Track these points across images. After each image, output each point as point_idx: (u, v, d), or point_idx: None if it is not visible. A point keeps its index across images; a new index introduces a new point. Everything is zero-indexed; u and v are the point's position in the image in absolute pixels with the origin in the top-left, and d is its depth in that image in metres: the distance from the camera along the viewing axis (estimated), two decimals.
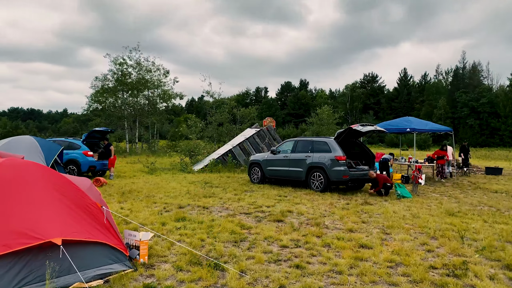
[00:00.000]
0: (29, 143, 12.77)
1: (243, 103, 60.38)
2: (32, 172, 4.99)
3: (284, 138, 30.05)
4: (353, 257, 5.67)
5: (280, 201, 10.37)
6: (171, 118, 46.84)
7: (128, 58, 35.31)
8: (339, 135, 12.42)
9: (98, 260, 4.72)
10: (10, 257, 4.10)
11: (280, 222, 7.95)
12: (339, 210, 9.22)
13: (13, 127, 37.43)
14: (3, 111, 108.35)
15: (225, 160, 19.03)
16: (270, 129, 21.62)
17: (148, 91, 37.17)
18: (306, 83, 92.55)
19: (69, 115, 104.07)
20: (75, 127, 70.44)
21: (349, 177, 11.62)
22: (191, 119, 27.68)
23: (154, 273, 4.98)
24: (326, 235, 6.95)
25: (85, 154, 15.63)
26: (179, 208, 9.20)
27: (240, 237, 6.70)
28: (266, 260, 5.56)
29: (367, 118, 67.00)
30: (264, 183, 13.79)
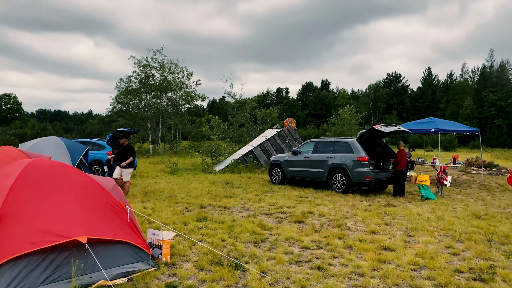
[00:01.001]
0: (56, 143, 13.15)
1: (264, 104, 60.43)
2: (59, 172, 5.14)
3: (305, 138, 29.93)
4: (376, 260, 5.59)
5: (301, 202, 10.32)
6: (193, 119, 47.27)
7: (152, 60, 35.87)
8: (362, 135, 12.26)
9: (121, 258, 4.82)
10: (37, 254, 4.23)
11: (301, 223, 7.91)
12: (362, 211, 9.11)
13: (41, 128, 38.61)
14: (32, 113, 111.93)
15: (246, 161, 19.08)
16: (291, 129, 21.55)
17: (171, 93, 37.65)
18: (327, 83, 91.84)
19: (94, 116, 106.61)
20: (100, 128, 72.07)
21: (371, 178, 11.46)
22: (214, 120, 27.89)
23: (176, 272, 5.04)
24: (348, 237, 6.88)
25: (109, 154, 15.95)
26: (201, 208, 9.28)
27: (261, 238, 6.70)
28: (287, 261, 5.55)
29: (390, 119, 65.87)
30: (285, 184, 13.75)
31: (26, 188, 4.66)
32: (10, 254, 4.06)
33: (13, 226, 4.25)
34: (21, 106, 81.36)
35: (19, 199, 4.50)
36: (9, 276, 4.00)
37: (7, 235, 4.16)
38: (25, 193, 4.60)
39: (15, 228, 4.25)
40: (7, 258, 4.03)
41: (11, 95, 79.44)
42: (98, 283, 4.44)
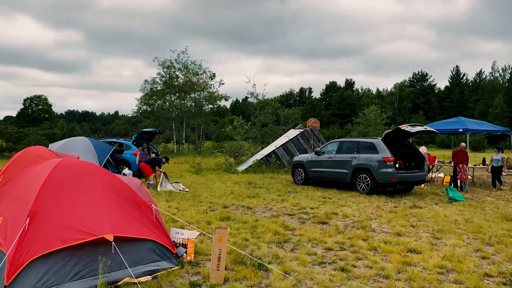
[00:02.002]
0: (83, 143, 13.55)
1: (286, 104, 60.17)
2: (86, 172, 5.28)
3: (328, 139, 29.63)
4: (401, 262, 5.49)
5: (325, 203, 10.24)
6: (216, 119, 47.64)
7: (175, 61, 36.37)
8: (387, 135, 12.06)
9: (147, 256, 4.91)
10: (66, 251, 4.36)
11: (325, 224, 7.86)
12: (387, 213, 8.96)
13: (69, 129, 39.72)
14: (61, 114, 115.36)
15: (268, 161, 19.07)
16: (314, 129, 21.40)
17: (195, 94, 38.06)
18: (352, 82, 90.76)
19: (120, 117, 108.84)
20: (126, 128, 73.51)
21: (397, 179, 11.26)
22: (237, 121, 28.03)
23: (200, 271, 5.09)
24: (373, 239, 6.78)
25: (135, 154, 16.25)
26: (224, 208, 9.34)
27: (283, 238, 6.69)
28: (310, 262, 5.52)
29: (417, 118, 64.45)
30: (308, 184, 13.67)
31: (55, 187, 4.80)
32: (41, 251, 4.20)
33: (44, 224, 4.39)
34: (51, 107, 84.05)
35: (49, 198, 4.64)
36: (39, 271, 4.13)
37: (38, 232, 4.31)
38: (54, 192, 4.74)
39: (45, 225, 4.39)
40: (38, 254, 4.17)
41: (42, 97, 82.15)
42: (123, 280, 4.54)
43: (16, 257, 4.06)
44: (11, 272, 3.97)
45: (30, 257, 4.12)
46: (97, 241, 4.53)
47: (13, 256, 4.05)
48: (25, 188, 4.98)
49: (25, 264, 4.07)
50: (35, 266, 4.13)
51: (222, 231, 4.89)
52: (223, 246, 4.75)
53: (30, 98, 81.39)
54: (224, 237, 4.79)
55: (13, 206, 4.78)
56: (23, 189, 5.00)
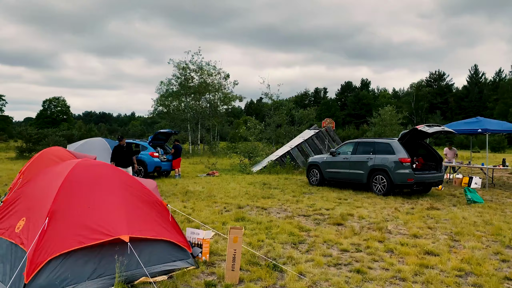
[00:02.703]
0: (101, 144, 13.77)
1: (301, 104, 60.02)
2: (104, 172, 5.36)
3: (344, 139, 29.42)
4: (418, 264, 5.41)
5: (340, 204, 10.16)
6: (231, 120, 47.81)
7: (190, 62, 36.62)
8: (403, 136, 11.91)
9: (163, 256, 4.95)
10: (84, 250, 4.43)
11: (340, 226, 7.80)
12: (403, 214, 8.85)
13: (87, 130, 40.36)
14: (79, 115, 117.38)
15: (283, 162, 19.03)
16: (329, 130, 21.28)
17: (210, 95, 38.26)
18: (367, 82, 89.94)
19: (136, 118, 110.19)
20: (142, 129, 74.42)
21: (414, 180, 11.10)
22: (251, 121, 28.05)
23: (215, 271, 5.11)
24: (389, 240, 6.70)
25: (151, 155, 16.43)
26: (239, 208, 9.36)
27: (298, 239, 6.67)
28: (326, 263, 5.48)
29: (434, 119, 63.47)
30: (323, 185, 13.59)
31: (73, 187, 4.89)
32: (60, 250, 4.27)
33: (62, 223, 4.47)
34: (69, 108, 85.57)
35: (67, 198, 4.73)
36: (59, 269, 4.21)
37: (56, 231, 4.39)
38: (73, 192, 4.83)
39: (63, 225, 4.47)
40: (56, 253, 4.25)
41: (60, 99, 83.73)
42: (140, 279, 4.59)
43: (36, 256, 4.14)
44: (30, 270, 4.05)
45: (49, 256, 4.20)
46: (113, 241, 4.59)
47: (33, 255, 4.13)
48: (44, 188, 5.08)
49: (44, 262, 4.15)
50: (54, 265, 4.20)
51: (237, 231, 4.90)
52: (238, 246, 4.76)
53: (49, 99, 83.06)
54: (239, 237, 4.80)
55: (33, 206, 4.88)
56: (43, 189, 5.10)
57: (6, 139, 59.73)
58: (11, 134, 65.02)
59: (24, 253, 4.28)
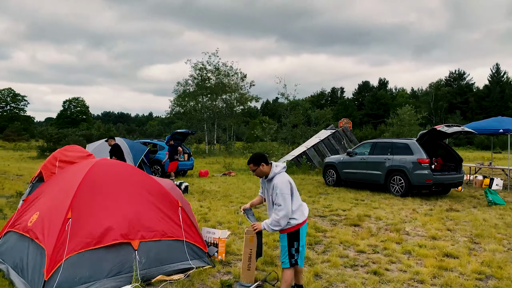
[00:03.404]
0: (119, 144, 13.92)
1: (318, 104, 59.63)
2: (122, 171, 5.44)
3: (361, 139, 29.12)
4: (437, 266, 5.32)
5: (357, 204, 10.07)
6: (247, 120, 47.89)
7: (207, 63, 36.85)
8: (422, 136, 11.72)
9: (179, 255, 5.00)
10: (102, 248, 4.50)
11: (357, 227, 7.73)
12: (421, 216, 8.71)
13: (105, 130, 40.98)
14: (97, 115, 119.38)
15: (299, 162, 18.96)
16: (346, 130, 21.09)
17: (226, 95, 38.42)
18: (385, 82, 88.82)
19: (154, 118, 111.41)
20: (160, 129, 75.18)
21: (433, 181, 10.92)
22: (265, 121, 28.05)
23: (231, 270, 5.13)
24: (407, 242, 6.61)
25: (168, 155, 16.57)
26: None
27: (314, 240, 6.64)
28: (342, 265, 5.44)
29: (454, 119, 62.24)
30: (340, 186, 13.49)
31: (92, 186, 4.97)
32: (78, 248, 4.35)
33: (81, 222, 4.55)
34: (88, 109, 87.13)
35: (86, 196, 4.81)
36: (77, 267, 4.28)
37: (75, 229, 4.47)
38: (91, 191, 4.91)
39: (82, 223, 4.54)
40: (75, 252, 4.33)
41: (79, 99, 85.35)
42: (157, 278, 4.64)
43: (55, 253, 4.22)
44: (50, 267, 4.13)
45: (67, 254, 4.28)
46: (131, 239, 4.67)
47: (52, 252, 4.22)
48: (63, 186, 5.19)
49: (63, 260, 4.23)
50: (72, 262, 4.28)
51: (252, 231, 4.91)
52: (253, 246, 4.76)
53: (69, 100, 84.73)
54: (254, 237, 4.80)
55: (51, 203, 4.99)
56: (61, 187, 5.21)
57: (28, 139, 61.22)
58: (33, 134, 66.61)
59: (40, 249, 4.37)
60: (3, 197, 10.39)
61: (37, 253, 4.44)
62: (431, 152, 11.84)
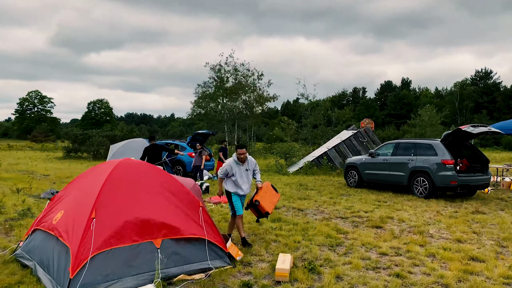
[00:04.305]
0: (142, 144, 14.21)
1: (339, 105, 59.10)
2: (145, 172, 5.53)
3: (383, 140, 28.71)
4: (462, 270, 5.18)
5: (379, 206, 9.93)
6: (266, 121, 47.90)
7: (225, 64, 37.05)
8: (447, 137, 11.46)
9: (200, 255, 5.04)
10: (125, 248, 4.58)
11: (379, 229, 7.61)
12: (446, 218, 8.51)
13: (128, 131, 41.69)
14: (121, 116, 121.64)
15: (320, 163, 18.83)
16: (368, 130, 20.82)
17: (245, 95, 38.52)
18: (408, 82, 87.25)
19: (175, 119, 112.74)
20: (181, 130, 76.05)
21: (457, 182, 10.66)
22: (285, 121, 27.95)
23: (252, 271, 5.13)
24: (431, 245, 6.47)
25: (190, 155, 16.76)
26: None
27: (336, 242, 6.57)
28: (364, 267, 5.37)
29: (480, 119, 60.56)
30: (362, 187, 13.32)
31: (115, 186, 5.07)
32: (102, 247, 4.44)
33: (104, 221, 4.64)
34: (112, 110, 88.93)
35: (110, 196, 4.91)
36: (100, 266, 4.37)
37: (99, 229, 4.56)
38: (115, 190, 5.01)
39: (105, 222, 4.64)
40: (99, 251, 4.42)
41: (103, 101, 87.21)
42: (178, 277, 4.69)
43: (80, 252, 4.32)
44: (75, 266, 4.23)
45: (93, 253, 4.37)
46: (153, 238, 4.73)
47: (77, 251, 4.31)
48: (88, 186, 5.30)
49: (87, 259, 4.32)
50: (96, 261, 4.37)
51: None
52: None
53: (93, 102, 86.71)
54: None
55: (75, 203, 5.12)
56: (86, 187, 5.33)
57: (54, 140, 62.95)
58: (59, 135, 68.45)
59: (65, 247, 4.48)
60: (31, 197, 10.72)
61: (61, 251, 4.56)
62: (456, 153, 11.56)
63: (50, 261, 4.64)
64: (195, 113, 41.16)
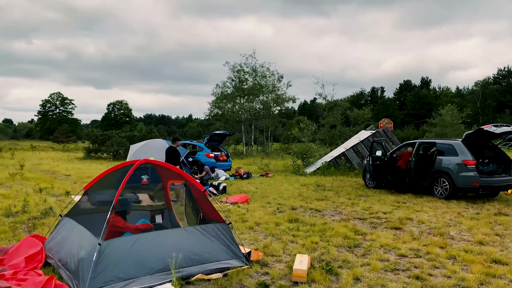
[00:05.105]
0: (161, 145, 14.39)
1: (357, 105, 58.49)
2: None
3: (402, 140, 28.26)
4: (484, 273, 5.06)
5: (398, 207, 9.79)
6: (284, 121, 47.80)
7: (245, 65, 37.15)
8: (468, 137, 11.22)
9: (218, 254, 5.07)
10: (144, 245, 4.64)
11: (398, 230, 7.51)
12: (467, 220, 8.33)
13: (147, 131, 42.24)
14: (140, 117, 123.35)
15: (338, 163, 18.68)
16: (387, 130, 20.54)
17: (263, 96, 38.54)
18: (428, 81, 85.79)
19: (193, 120, 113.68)
20: (199, 131, 76.66)
21: (479, 184, 10.42)
22: (304, 122, 27.84)
23: (269, 271, 5.13)
24: (451, 247, 6.34)
25: (207, 155, 16.88)
26: (292, 210, 9.33)
27: (354, 243, 6.51)
28: (382, 268, 5.31)
29: (503, 118, 59.06)
30: (381, 188, 13.16)
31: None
32: (123, 245, 4.52)
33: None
34: (131, 111, 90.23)
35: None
36: (119, 265, 4.42)
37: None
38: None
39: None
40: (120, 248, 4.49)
41: (123, 102, 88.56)
42: (196, 276, 4.72)
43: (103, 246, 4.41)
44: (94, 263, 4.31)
45: (112, 249, 4.44)
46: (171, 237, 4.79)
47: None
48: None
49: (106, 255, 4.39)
50: (116, 258, 4.44)
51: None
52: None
53: (112, 103, 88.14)
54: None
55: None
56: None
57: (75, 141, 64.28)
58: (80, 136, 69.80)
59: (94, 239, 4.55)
60: (53, 196, 10.97)
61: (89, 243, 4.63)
62: (478, 154, 11.30)
63: (69, 259, 4.74)
64: (212, 113, 41.42)
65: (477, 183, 10.41)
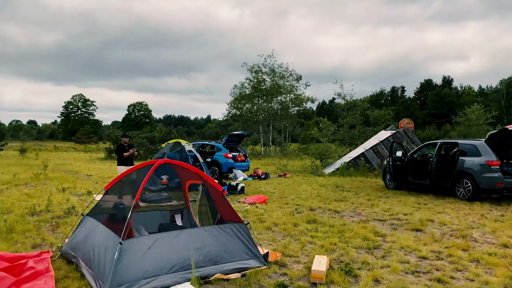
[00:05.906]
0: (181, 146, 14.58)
1: (377, 104, 57.72)
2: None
3: (423, 140, 27.78)
4: (509, 277, 4.93)
5: (419, 209, 9.62)
6: (302, 122, 47.60)
7: (263, 65, 37.18)
8: (492, 137, 10.93)
9: (236, 254, 5.09)
10: (163, 245, 4.70)
11: (419, 232, 7.38)
12: (491, 222, 8.12)
13: (167, 132, 42.76)
14: (159, 118, 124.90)
15: (357, 164, 18.49)
16: (408, 131, 20.21)
17: (281, 96, 38.49)
18: (450, 80, 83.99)
19: (212, 121, 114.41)
20: (217, 131, 77.08)
21: (504, 185, 10.14)
22: (323, 122, 27.69)
23: (287, 272, 5.12)
24: (474, 249, 6.19)
25: (225, 156, 16.95)
26: (310, 210, 9.28)
27: (373, 244, 6.43)
28: (403, 271, 5.22)
29: None
30: (401, 189, 12.96)
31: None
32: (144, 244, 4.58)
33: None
34: (151, 112, 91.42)
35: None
36: (141, 263, 4.50)
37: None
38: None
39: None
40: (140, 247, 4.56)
41: (143, 103, 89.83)
42: (214, 276, 4.75)
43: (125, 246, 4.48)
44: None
45: (134, 248, 4.52)
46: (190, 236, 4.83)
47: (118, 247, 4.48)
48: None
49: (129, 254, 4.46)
50: (137, 257, 4.51)
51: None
52: None
53: (133, 104, 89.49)
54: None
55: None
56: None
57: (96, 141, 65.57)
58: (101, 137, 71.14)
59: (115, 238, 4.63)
60: (75, 196, 11.21)
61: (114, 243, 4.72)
62: (502, 154, 11.00)
63: (92, 257, 4.83)
64: (230, 114, 41.60)
65: (501, 184, 10.14)
